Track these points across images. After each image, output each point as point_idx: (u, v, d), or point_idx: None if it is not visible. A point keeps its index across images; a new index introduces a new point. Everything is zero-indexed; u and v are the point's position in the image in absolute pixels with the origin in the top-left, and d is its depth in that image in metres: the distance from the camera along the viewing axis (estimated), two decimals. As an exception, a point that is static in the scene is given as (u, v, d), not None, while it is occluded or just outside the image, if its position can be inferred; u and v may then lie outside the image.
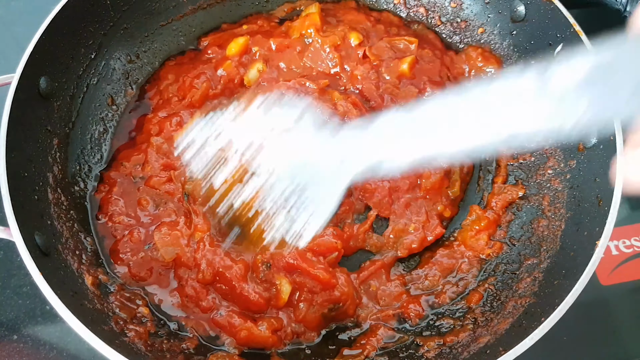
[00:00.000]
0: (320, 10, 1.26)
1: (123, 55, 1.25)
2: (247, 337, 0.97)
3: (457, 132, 0.70)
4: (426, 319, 1.04)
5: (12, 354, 1.07)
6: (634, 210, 1.25)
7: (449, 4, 1.35)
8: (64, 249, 0.99)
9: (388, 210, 1.10)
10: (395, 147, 0.76)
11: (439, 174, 1.10)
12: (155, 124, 1.16)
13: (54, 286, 0.84)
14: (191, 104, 1.17)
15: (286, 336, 0.99)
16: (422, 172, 1.10)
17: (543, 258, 1.03)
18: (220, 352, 0.98)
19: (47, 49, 1.05)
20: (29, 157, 1.01)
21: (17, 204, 0.90)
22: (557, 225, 1.06)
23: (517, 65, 1.24)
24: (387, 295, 1.05)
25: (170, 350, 0.96)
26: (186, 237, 1.03)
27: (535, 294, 0.98)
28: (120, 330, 0.94)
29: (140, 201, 1.08)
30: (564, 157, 1.11)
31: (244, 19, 1.35)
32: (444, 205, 1.12)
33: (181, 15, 1.33)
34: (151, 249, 1.04)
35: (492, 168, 1.19)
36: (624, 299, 1.15)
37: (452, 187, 1.14)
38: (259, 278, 1.00)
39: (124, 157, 1.14)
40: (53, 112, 1.09)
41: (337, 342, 1.01)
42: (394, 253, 1.08)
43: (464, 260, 1.08)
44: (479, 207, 1.13)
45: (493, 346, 0.92)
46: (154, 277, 1.03)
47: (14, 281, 1.13)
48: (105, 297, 0.99)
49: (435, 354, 0.97)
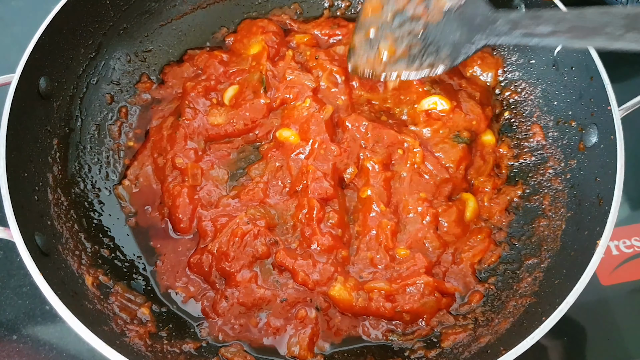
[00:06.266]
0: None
1: (123, 55, 1.25)
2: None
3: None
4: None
5: (11, 354, 1.07)
6: (634, 210, 1.26)
7: (449, 4, 1.35)
8: (64, 249, 0.99)
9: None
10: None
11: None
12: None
13: (54, 286, 0.84)
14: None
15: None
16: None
17: (544, 258, 1.03)
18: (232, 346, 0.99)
19: (47, 49, 1.05)
20: (29, 157, 1.01)
21: (17, 204, 0.90)
22: (557, 224, 1.06)
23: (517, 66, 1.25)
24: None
25: (171, 351, 0.96)
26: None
27: (536, 293, 0.98)
28: (120, 330, 0.94)
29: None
30: (564, 156, 1.11)
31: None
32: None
33: (181, 15, 1.33)
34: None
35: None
36: (624, 299, 1.15)
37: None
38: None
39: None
40: (53, 112, 1.09)
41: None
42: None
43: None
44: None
45: (494, 346, 0.92)
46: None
47: (14, 281, 1.13)
48: (106, 297, 0.98)
49: (435, 353, 0.97)
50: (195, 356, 0.97)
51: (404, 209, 1.09)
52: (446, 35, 1.01)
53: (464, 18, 0.99)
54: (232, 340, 1.00)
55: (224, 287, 1.03)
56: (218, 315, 1.01)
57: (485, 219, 1.13)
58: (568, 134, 1.11)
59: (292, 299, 1.01)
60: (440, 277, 1.05)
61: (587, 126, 1.05)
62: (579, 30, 0.79)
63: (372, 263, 1.05)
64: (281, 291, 1.02)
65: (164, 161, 1.16)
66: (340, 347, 1.00)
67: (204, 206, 1.10)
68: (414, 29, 1.03)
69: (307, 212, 1.05)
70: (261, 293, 1.01)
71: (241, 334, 1.00)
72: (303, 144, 1.13)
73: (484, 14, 0.97)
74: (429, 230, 1.07)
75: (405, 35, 1.04)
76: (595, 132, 1.02)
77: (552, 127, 1.15)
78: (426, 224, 1.07)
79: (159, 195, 1.14)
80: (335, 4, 1.40)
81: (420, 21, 1.04)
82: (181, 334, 1.00)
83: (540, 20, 0.85)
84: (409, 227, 1.07)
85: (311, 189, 1.07)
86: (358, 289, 1.01)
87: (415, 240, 1.06)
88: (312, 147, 1.12)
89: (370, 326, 1.02)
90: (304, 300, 1.02)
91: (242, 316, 1.01)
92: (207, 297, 1.04)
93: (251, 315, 1.01)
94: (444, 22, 1.02)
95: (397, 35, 1.05)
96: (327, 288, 1.01)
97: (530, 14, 0.94)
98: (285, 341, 0.99)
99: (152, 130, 1.22)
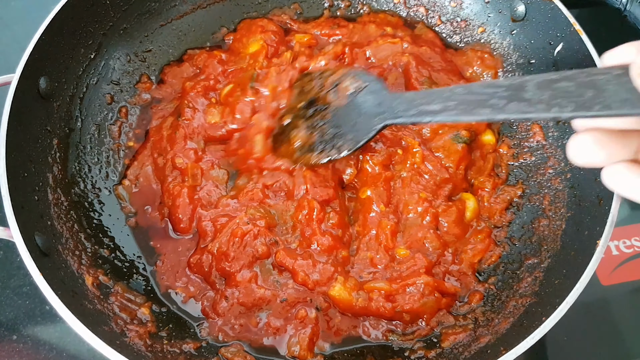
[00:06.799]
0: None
1: (123, 55, 1.25)
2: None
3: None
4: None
5: (11, 354, 1.07)
6: (634, 210, 1.26)
7: (449, 4, 1.35)
8: (64, 249, 0.99)
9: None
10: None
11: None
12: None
13: (54, 286, 0.84)
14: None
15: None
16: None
17: (544, 257, 1.03)
18: (232, 346, 0.99)
19: (47, 49, 1.05)
20: (29, 157, 1.01)
21: (17, 204, 0.90)
22: (557, 224, 1.06)
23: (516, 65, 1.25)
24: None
25: (171, 351, 0.96)
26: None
27: (536, 293, 0.98)
28: (120, 330, 0.94)
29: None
30: (564, 156, 1.11)
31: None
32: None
33: (181, 15, 1.33)
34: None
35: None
36: (624, 299, 1.15)
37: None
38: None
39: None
40: (53, 112, 1.09)
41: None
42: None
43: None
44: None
45: (494, 346, 0.92)
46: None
47: (14, 281, 1.13)
48: (106, 297, 0.98)
49: (435, 353, 0.97)
50: (195, 356, 0.97)
51: (404, 209, 1.09)
52: (351, 118, 1.05)
53: (366, 101, 1.04)
54: (232, 340, 1.00)
55: (224, 287, 1.03)
56: (218, 315, 1.01)
57: (485, 219, 1.13)
58: (568, 134, 1.11)
59: (292, 299, 1.01)
60: (440, 277, 1.05)
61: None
62: (466, 104, 0.80)
63: (372, 263, 1.05)
64: (281, 291, 1.02)
65: (164, 161, 1.16)
66: (340, 347, 1.00)
67: (204, 206, 1.10)
68: (324, 116, 1.08)
69: (307, 212, 1.05)
70: (261, 293, 1.01)
71: (241, 334, 1.00)
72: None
73: (383, 96, 1.01)
74: (429, 230, 1.07)
75: (317, 123, 1.09)
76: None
77: (552, 127, 1.15)
78: (426, 224, 1.07)
79: (159, 195, 1.14)
80: (335, 4, 1.40)
81: (330, 107, 1.08)
82: (181, 334, 1.00)
83: (432, 97, 0.87)
84: (409, 227, 1.07)
85: (311, 193, 1.07)
86: (358, 289, 1.01)
87: (415, 240, 1.06)
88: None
89: (370, 326, 1.02)
90: (304, 300, 1.02)
91: (242, 316, 1.01)
92: (207, 297, 1.04)
93: (251, 315, 1.01)
94: (348, 107, 1.06)
95: (310, 124, 1.09)
96: (327, 288, 1.01)
97: (424, 92, 0.99)
98: (285, 341, 0.99)
99: (152, 130, 1.22)
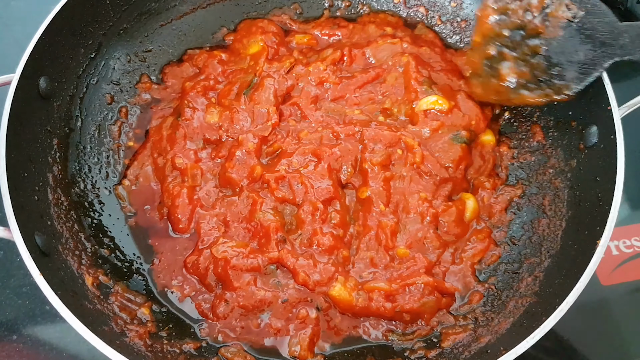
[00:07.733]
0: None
1: (123, 55, 1.25)
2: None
3: None
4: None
5: (11, 354, 1.07)
6: (634, 210, 1.25)
7: (449, 4, 1.35)
8: (64, 249, 0.99)
9: None
10: None
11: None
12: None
13: (54, 286, 0.84)
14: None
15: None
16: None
17: (544, 257, 1.03)
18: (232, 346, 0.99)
19: (47, 49, 1.05)
20: (29, 157, 1.01)
21: (17, 204, 0.90)
22: (557, 224, 1.06)
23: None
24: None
25: (171, 350, 0.96)
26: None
27: (536, 293, 0.98)
28: (120, 330, 0.94)
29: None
30: (564, 156, 1.11)
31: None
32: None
33: (181, 15, 1.33)
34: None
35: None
36: (624, 299, 1.15)
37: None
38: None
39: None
40: (53, 112, 1.09)
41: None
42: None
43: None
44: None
45: (494, 346, 0.92)
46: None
47: (14, 281, 1.13)
48: (106, 297, 0.98)
49: (436, 353, 0.97)
50: (195, 356, 0.97)
51: (404, 209, 1.08)
52: (570, 54, 0.93)
53: (586, 32, 0.92)
54: (232, 341, 1.00)
55: (223, 291, 1.02)
56: (218, 318, 1.01)
57: (485, 219, 1.13)
58: (568, 134, 1.11)
59: (293, 299, 1.01)
60: (440, 277, 1.05)
61: (587, 126, 1.05)
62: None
63: (372, 263, 1.05)
64: (282, 292, 1.02)
65: (164, 161, 1.16)
66: (341, 347, 1.00)
67: (203, 207, 1.10)
68: (534, 48, 0.98)
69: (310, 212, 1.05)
70: (262, 295, 1.01)
71: (242, 335, 1.00)
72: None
73: (609, 26, 0.89)
74: (429, 230, 1.07)
75: (525, 56, 0.99)
76: (595, 132, 1.02)
77: (552, 127, 1.15)
78: (426, 224, 1.07)
79: (158, 195, 1.14)
80: (335, 4, 1.40)
81: (540, 38, 0.98)
82: (181, 334, 1.00)
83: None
84: (409, 227, 1.07)
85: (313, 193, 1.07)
86: (358, 289, 1.01)
87: (415, 240, 1.06)
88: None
89: (370, 326, 1.02)
90: (305, 300, 1.02)
91: (243, 318, 1.01)
92: (205, 299, 1.04)
93: (252, 317, 1.01)
94: (565, 39, 0.94)
95: (518, 55, 1.00)
96: (327, 288, 1.01)
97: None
98: (286, 342, 0.99)
99: (152, 130, 1.22)
